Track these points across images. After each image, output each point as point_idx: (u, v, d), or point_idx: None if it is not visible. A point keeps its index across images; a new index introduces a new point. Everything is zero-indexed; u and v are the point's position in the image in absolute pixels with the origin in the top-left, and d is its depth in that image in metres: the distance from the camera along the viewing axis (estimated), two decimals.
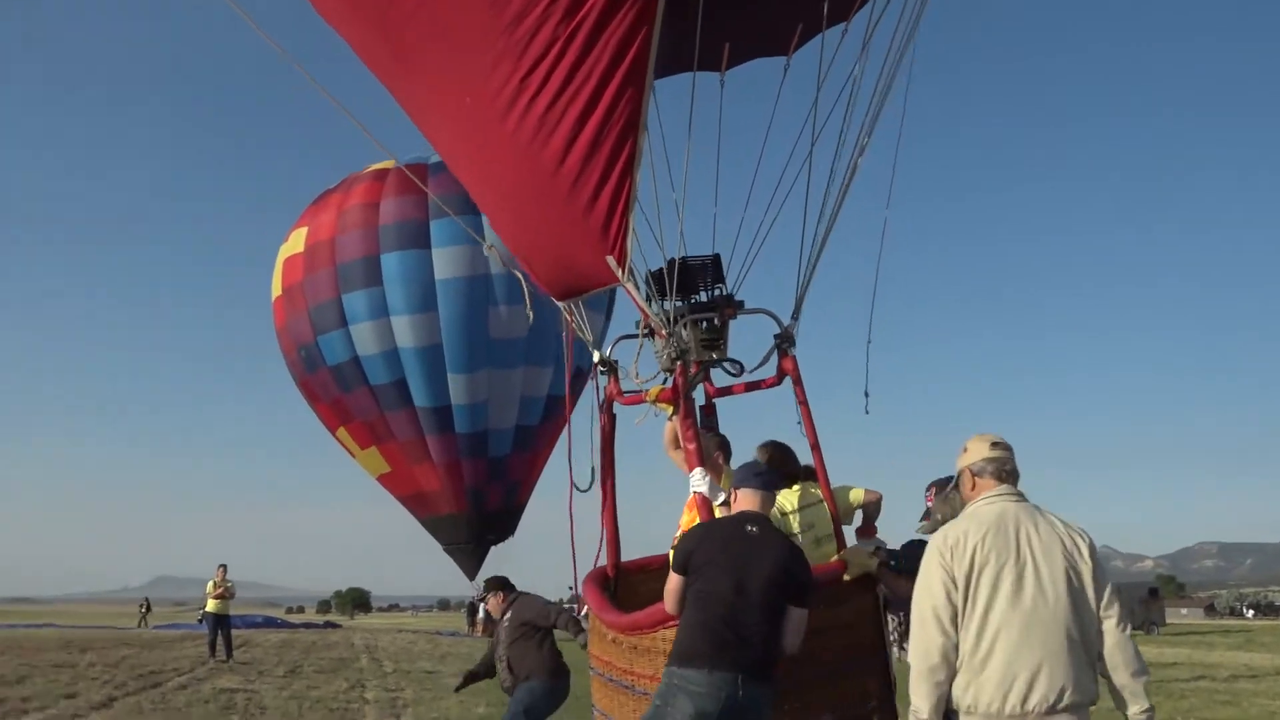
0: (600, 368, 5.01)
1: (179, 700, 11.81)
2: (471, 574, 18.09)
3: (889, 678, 4.38)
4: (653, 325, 4.73)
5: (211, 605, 17.03)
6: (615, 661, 4.52)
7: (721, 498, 4.50)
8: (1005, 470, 3.37)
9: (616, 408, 5.04)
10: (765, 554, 3.87)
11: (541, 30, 4.30)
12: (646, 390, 4.83)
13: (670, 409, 4.72)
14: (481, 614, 36.30)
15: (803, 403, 4.80)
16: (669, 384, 4.74)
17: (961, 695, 3.14)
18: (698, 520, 4.48)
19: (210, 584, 17.16)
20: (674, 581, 3.94)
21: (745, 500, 4.08)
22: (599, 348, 5.05)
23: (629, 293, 4.64)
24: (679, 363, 4.66)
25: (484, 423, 16.12)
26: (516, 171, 4.71)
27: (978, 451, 3.40)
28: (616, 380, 4.97)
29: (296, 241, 17.16)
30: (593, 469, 5.05)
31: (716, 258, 4.92)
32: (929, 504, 4.31)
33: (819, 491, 4.82)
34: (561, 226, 4.68)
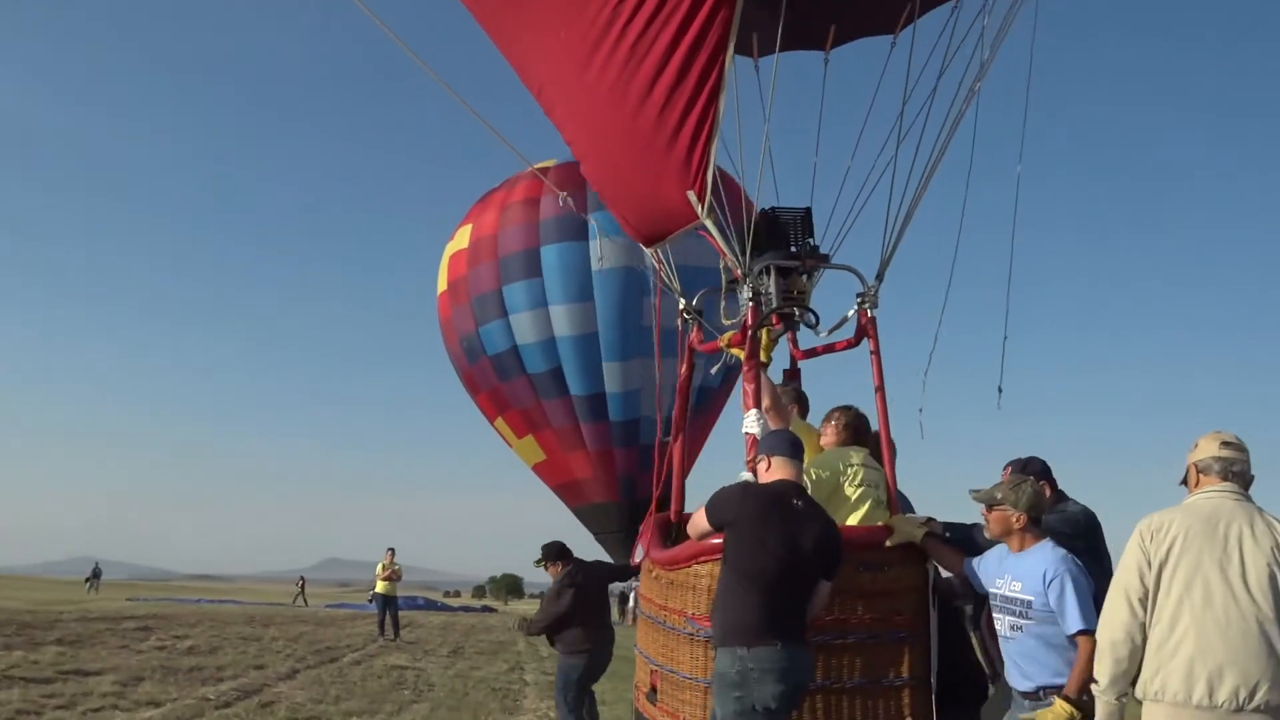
0: (685, 316, 5.13)
1: (354, 675, 12.50)
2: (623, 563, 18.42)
3: (928, 656, 4.28)
4: (729, 266, 4.78)
5: (380, 587, 17.87)
6: (654, 598, 4.58)
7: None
8: (1232, 470, 3.34)
9: (699, 357, 5.15)
10: (810, 529, 3.86)
11: None
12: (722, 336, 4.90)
13: (740, 352, 4.65)
14: (631, 602, 36.70)
15: (877, 364, 4.75)
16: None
17: (1149, 682, 3.14)
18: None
19: (379, 566, 17.99)
20: (703, 523, 3.93)
21: (780, 469, 4.02)
22: (683, 297, 5.10)
23: (709, 232, 4.61)
24: (751, 305, 4.68)
25: (636, 410, 16.36)
26: (605, 108, 4.87)
27: (1207, 449, 3.38)
28: (700, 329, 5.05)
29: (461, 238, 17.88)
30: (669, 418, 5.13)
31: (808, 211, 4.91)
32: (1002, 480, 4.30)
33: (879, 470, 4.71)
34: (646, 161, 4.77)
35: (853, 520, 4.48)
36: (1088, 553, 4.17)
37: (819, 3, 5.58)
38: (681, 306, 5.19)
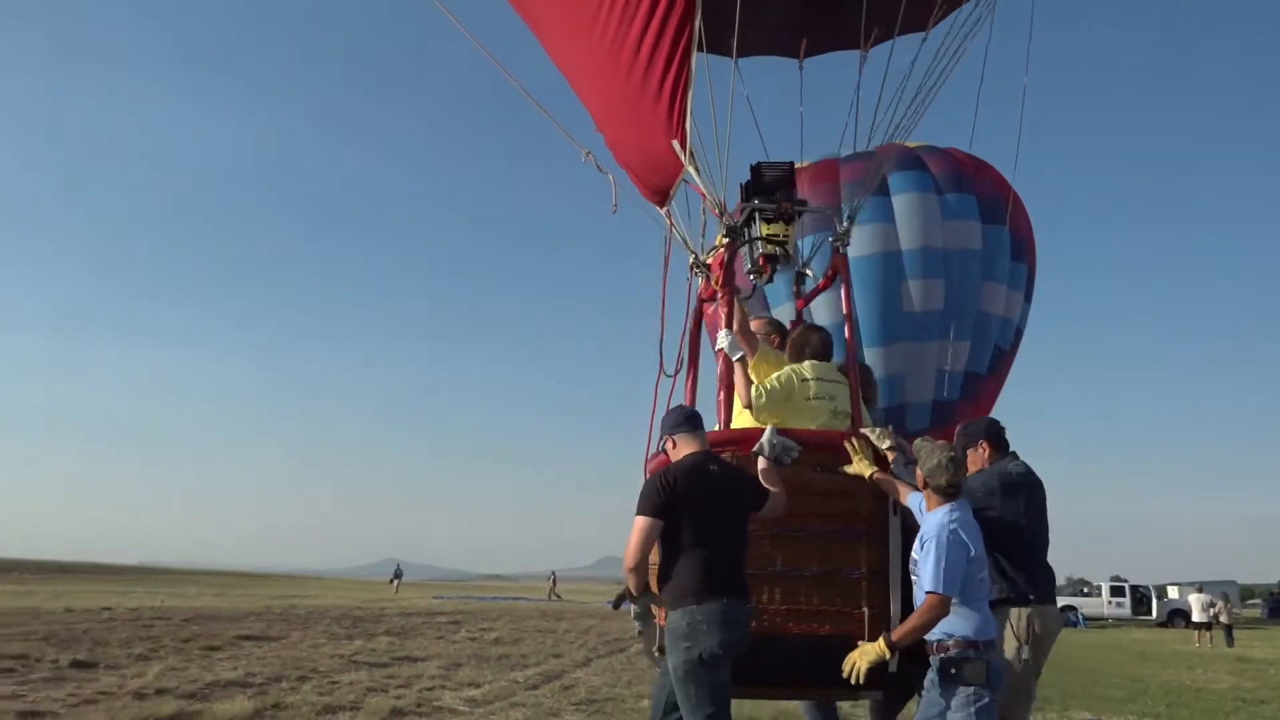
0: (694, 269, 5.67)
1: (642, 664, 13.23)
2: None
3: (883, 554, 4.62)
4: (707, 205, 5.40)
5: None
6: None
7: (739, 355, 5.06)
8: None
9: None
10: (730, 486, 4.31)
11: None
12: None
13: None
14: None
15: (847, 296, 5.52)
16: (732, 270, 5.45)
17: None
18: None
19: None
20: (646, 525, 4.16)
21: (686, 444, 4.43)
22: (694, 252, 5.64)
23: (691, 177, 5.26)
24: (726, 239, 5.30)
25: (900, 396, 16.16)
26: (607, 73, 5.59)
27: None
28: (708, 281, 5.58)
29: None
30: (680, 357, 5.64)
31: (791, 165, 5.52)
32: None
33: (845, 378, 5.19)
34: (639, 118, 5.43)
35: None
36: (998, 516, 4.46)
37: (795, 16, 6.56)
38: (691, 261, 5.70)
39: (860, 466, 4.65)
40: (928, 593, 3.92)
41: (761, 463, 4.53)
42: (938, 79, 5.98)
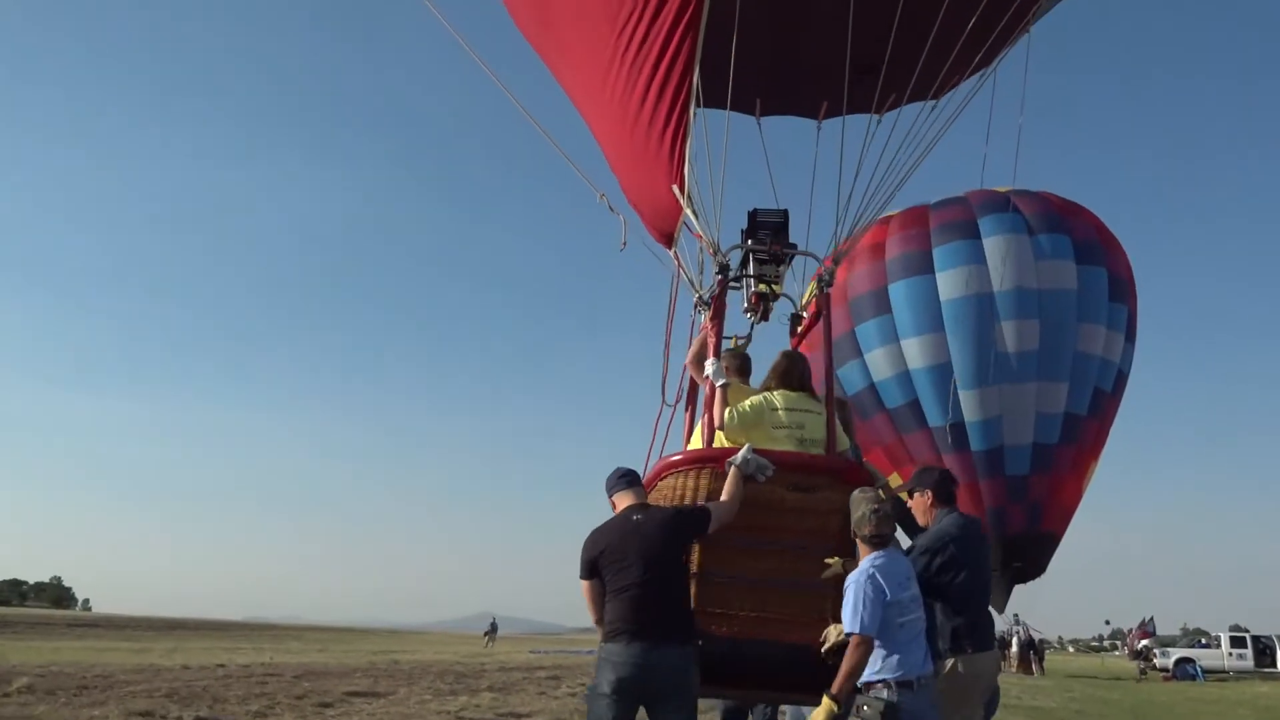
0: (699, 306, 6.06)
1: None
2: (999, 607, 17.75)
3: (853, 567, 4.75)
4: (703, 245, 5.86)
5: None
6: None
7: (722, 381, 5.44)
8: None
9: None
10: (653, 530, 4.58)
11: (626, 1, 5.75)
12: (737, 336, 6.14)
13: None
14: (1016, 649, 34.88)
15: (826, 334, 5.97)
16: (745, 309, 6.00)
17: None
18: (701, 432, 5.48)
19: None
20: (584, 588, 4.66)
21: (622, 500, 4.80)
22: (698, 291, 6.03)
23: (689, 220, 5.73)
24: (718, 277, 5.83)
25: (998, 439, 15.95)
26: (618, 123, 6.09)
27: None
28: (709, 318, 5.92)
29: (811, 289, 18.40)
30: (681, 389, 6.10)
31: (785, 213, 6.07)
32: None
33: (822, 408, 5.51)
34: (645, 164, 5.92)
35: None
36: (940, 566, 4.75)
37: (819, 83, 7.16)
38: (695, 299, 6.08)
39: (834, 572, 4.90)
40: (848, 634, 4.19)
41: (732, 473, 4.87)
42: (934, 141, 6.69)
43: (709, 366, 5.54)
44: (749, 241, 5.99)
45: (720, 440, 5.27)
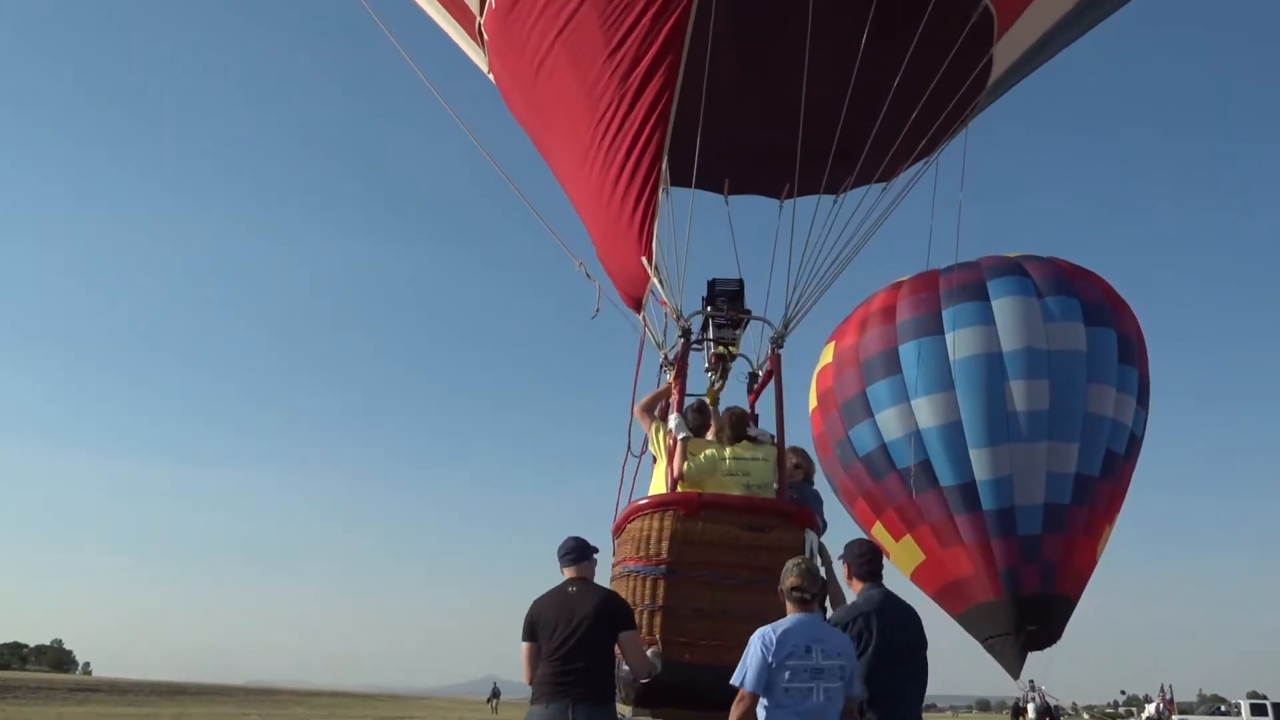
0: (664, 366, 6.65)
1: None
2: (1014, 671, 17.53)
3: None
4: (667, 311, 6.50)
5: None
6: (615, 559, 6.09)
7: (683, 435, 6.04)
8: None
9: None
10: (584, 604, 5.02)
11: (606, 92, 6.55)
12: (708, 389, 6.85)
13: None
14: (1033, 714, 34.28)
15: (778, 392, 6.51)
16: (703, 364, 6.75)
17: None
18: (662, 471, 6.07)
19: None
20: (524, 649, 5.08)
21: (566, 572, 5.23)
22: (665, 353, 6.65)
23: (655, 288, 6.37)
24: (681, 340, 6.48)
25: (1010, 498, 15.96)
26: (595, 201, 6.80)
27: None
28: (672, 376, 6.56)
29: (827, 354, 18.69)
30: (645, 438, 6.54)
31: (740, 281, 6.79)
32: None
33: (767, 454, 6.13)
34: (618, 238, 6.59)
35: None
36: (857, 638, 4.83)
37: (720, 161, 7.94)
38: (661, 359, 6.70)
39: None
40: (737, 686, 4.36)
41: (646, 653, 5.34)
42: (881, 219, 7.55)
43: (672, 421, 6.19)
44: (708, 308, 6.73)
45: (682, 486, 5.97)
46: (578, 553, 5.29)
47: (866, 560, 5.15)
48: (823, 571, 5.07)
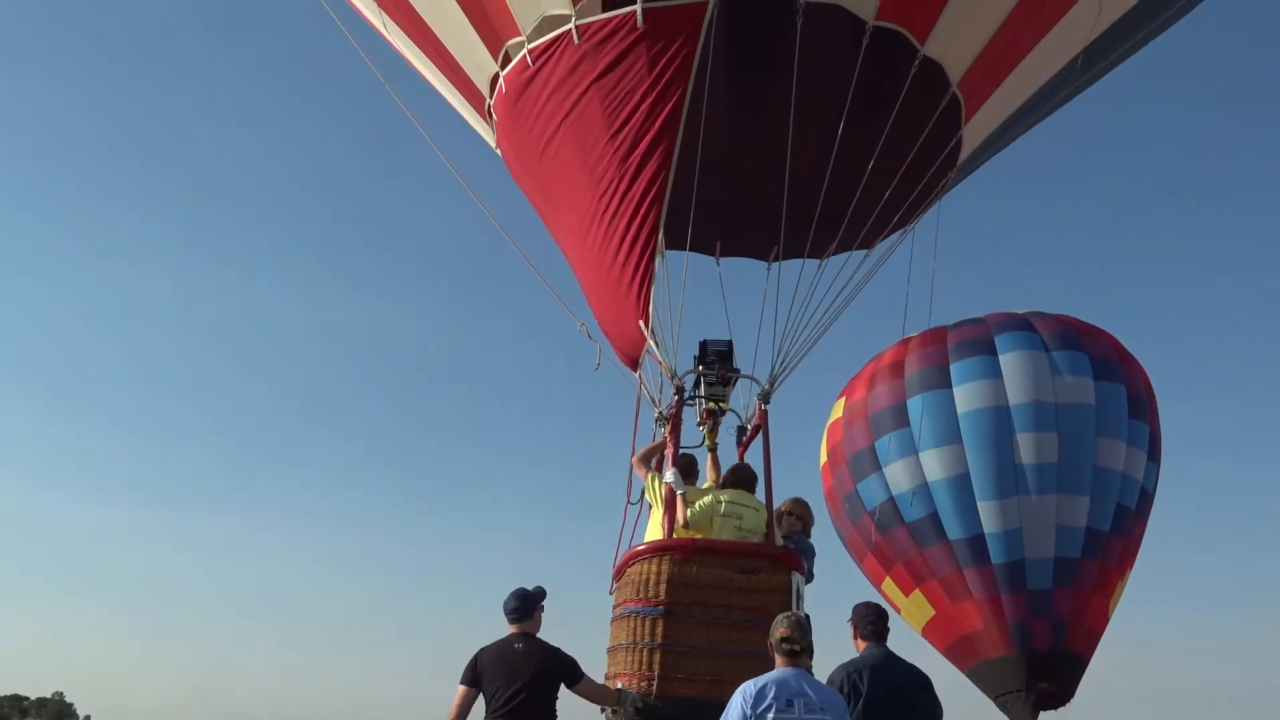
0: (656, 424, 7.36)
1: None
2: None
3: None
4: (663, 370, 7.32)
5: None
6: (615, 601, 6.67)
7: (681, 490, 6.69)
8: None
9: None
10: (529, 663, 5.42)
11: (608, 171, 7.32)
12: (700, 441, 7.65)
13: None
14: None
15: (765, 445, 7.24)
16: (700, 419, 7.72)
17: None
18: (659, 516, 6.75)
19: None
20: (459, 690, 5.40)
21: (512, 629, 5.60)
22: (659, 408, 7.36)
23: (652, 350, 7.15)
24: (676, 398, 7.23)
25: (1019, 552, 15.80)
26: (595, 270, 7.60)
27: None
28: (667, 430, 7.28)
29: (837, 410, 18.83)
30: (644, 489, 7.21)
31: (729, 342, 7.55)
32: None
33: (759, 506, 6.85)
34: (617, 304, 7.32)
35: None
36: (850, 694, 5.06)
37: (711, 224, 8.51)
38: (655, 415, 7.42)
39: None
40: None
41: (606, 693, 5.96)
42: (863, 282, 8.41)
43: (669, 475, 6.85)
44: (700, 367, 7.46)
45: (680, 532, 6.69)
46: (521, 610, 5.69)
47: (870, 621, 5.40)
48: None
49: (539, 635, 5.76)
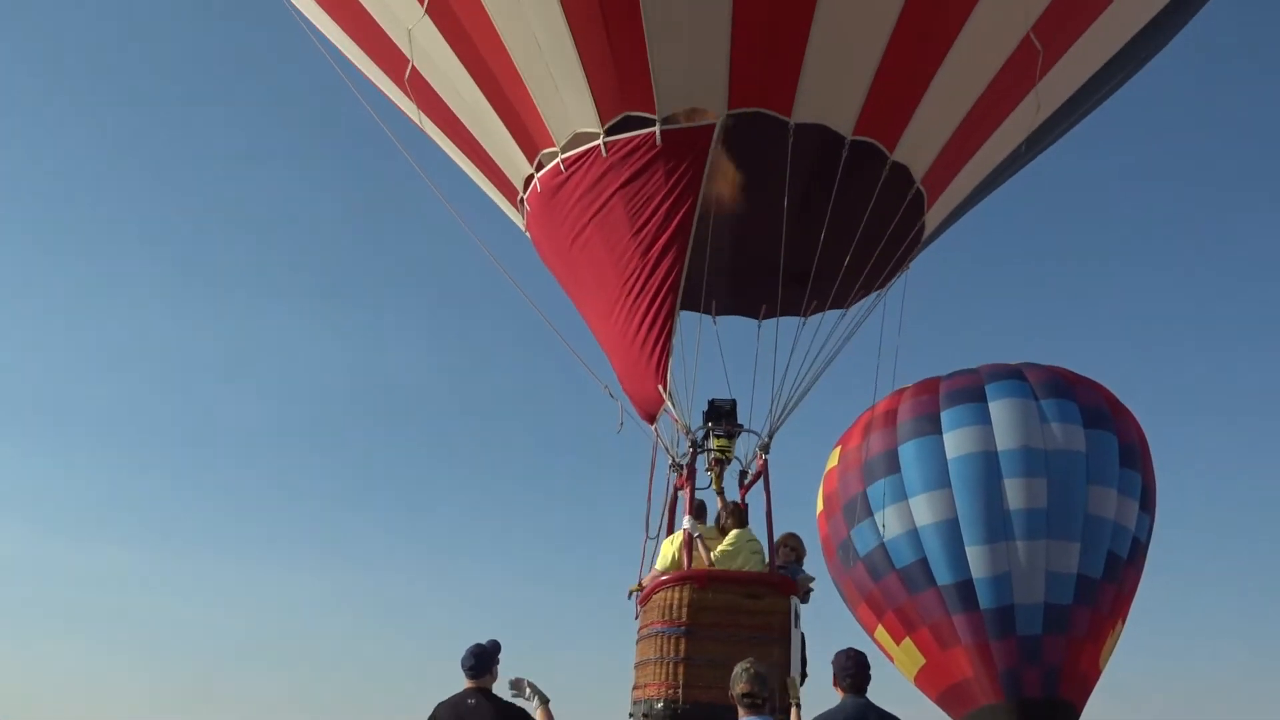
0: (671, 469, 8.68)
1: None
2: None
3: (787, 652, 7.37)
4: (678, 426, 8.53)
5: None
6: (640, 624, 7.97)
7: (697, 534, 7.99)
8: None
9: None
10: (481, 715, 5.76)
11: (631, 261, 8.74)
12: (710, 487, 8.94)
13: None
14: None
15: (766, 489, 8.46)
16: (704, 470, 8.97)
17: None
18: (676, 547, 8.12)
19: None
20: None
21: (469, 684, 5.92)
22: (674, 457, 8.65)
23: (669, 409, 8.45)
24: (690, 451, 8.54)
25: (1009, 596, 15.78)
26: (618, 341, 8.93)
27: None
28: (681, 477, 8.64)
29: (833, 458, 18.98)
30: (660, 525, 8.55)
31: (734, 401, 8.85)
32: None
33: (760, 544, 8.12)
34: (639, 371, 8.63)
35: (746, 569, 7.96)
36: None
37: (758, 290, 9.99)
38: (670, 464, 8.70)
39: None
40: None
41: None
42: (843, 341, 9.76)
43: (686, 522, 8.12)
44: (709, 424, 8.82)
45: (700, 562, 7.97)
46: (478, 667, 6.04)
47: (849, 672, 5.62)
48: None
49: (493, 690, 6.14)
